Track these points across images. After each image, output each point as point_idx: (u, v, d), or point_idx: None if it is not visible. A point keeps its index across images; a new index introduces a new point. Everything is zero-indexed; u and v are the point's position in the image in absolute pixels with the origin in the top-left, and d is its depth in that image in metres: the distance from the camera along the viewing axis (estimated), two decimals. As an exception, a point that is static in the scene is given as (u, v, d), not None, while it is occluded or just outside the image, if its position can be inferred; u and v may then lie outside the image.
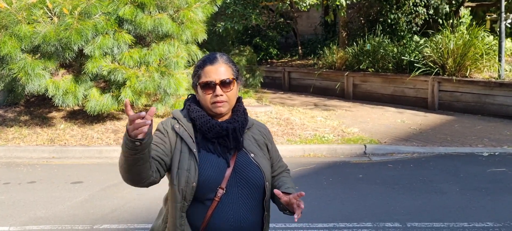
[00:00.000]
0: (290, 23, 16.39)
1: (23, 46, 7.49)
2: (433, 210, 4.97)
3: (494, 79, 9.96)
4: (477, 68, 10.43)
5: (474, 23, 10.98)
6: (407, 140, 8.19)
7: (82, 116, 9.09)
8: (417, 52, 11.40)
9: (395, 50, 11.82)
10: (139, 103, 8.38)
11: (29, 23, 7.46)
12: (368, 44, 12.24)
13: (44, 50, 7.58)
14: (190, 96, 2.10)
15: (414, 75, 10.83)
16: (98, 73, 7.91)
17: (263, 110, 9.83)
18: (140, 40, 8.51)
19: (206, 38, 9.18)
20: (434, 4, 12.89)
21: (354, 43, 12.88)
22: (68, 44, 7.35)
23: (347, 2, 11.27)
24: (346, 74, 12.53)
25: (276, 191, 1.92)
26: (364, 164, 7.05)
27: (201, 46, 9.55)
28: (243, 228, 1.92)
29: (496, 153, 7.31)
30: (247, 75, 12.85)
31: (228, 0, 11.88)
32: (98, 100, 8.10)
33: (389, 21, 13.18)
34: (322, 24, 16.87)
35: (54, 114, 9.44)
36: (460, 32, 10.96)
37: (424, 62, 10.86)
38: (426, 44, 11.35)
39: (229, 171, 1.93)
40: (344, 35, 13.86)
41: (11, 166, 7.12)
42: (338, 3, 11.05)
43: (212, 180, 1.90)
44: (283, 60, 16.37)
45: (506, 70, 10.30)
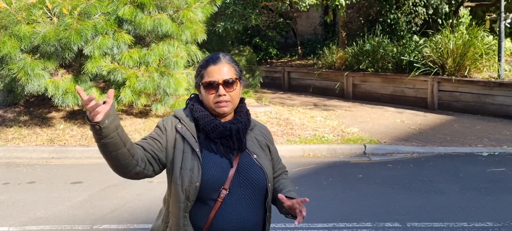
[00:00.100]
0: (290, 23, 16.39)
1: (23, 46, 7.49)
2: (432, 210, 4.97)
3: (493, 79, 9.96)
4: (476, 68, 10.43)
5: (473, 23, 10.97)
6: (407, 139, 8.19)
7: (81, 116, 9.09)
8: (416, 52, 11.40)
9: (395, 50, 11.82)
10: (139, 104, 8.38)
11: (28, 23, 7.46)
12: (367, 44, 12.23)
13: (43, 50, 7.58)
14: (192, 95, 2.09)
15: (413, 75, 10.83)
16: (97, 73, 7.91)
17: (263, 110, 9.83)
18: (139, 40, 8.51)
19: (206, 38, 9.18)
20: (434, 4, 12.88)
21: (354, 43, 12.88)
22: (67, 44, 7.35)
23: (347, 2, 11.27)
24: (345, 74, 12.53)
25: (280, 195, 1.92)
26: (363, 164, 7.05)
27: (200, 46, 9.54)
28: (246, 229, 1.92)
29: (495, 153, 7.32)
30: (247, 75, 12.85)
31: (227, 0, 11.88)
32: (97, 100, 8.07)
33: (388, 21, 13.18)
34: (322, 24, 16.86)
35: (53, 114, 9.44)
36: (459, 32, 10.96)
37: (423, 62, 10.87)
38: (426, 44, 11.35)
39: (232, 171, 1.93)
40: (343, 35, 13.86)
41: (11, 166, 7.12)
42: (337, 3, 11.05)
43: (215, 180, 1.90)
44: (283, 60, 16.37)
45: (506, 70, 10.30)
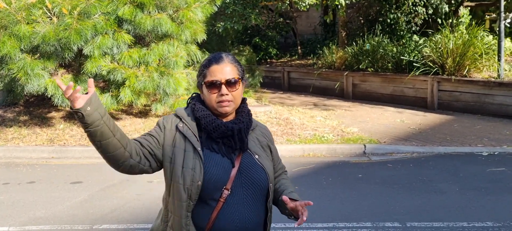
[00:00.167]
0: (290, 23, 16.38)
1: (23, 46, 7.49)
2: (432, 210, 4.97)
3: (493, 79, 9.96)
4: (476, 68, 10.43)
5: (473, 23, 10.97)
6: (407, 139, 8.19)
7: (81, 116, 9.07)
8: (416, 52, 11.40)
9: (395, 50, 11.82)
10: (138, 103, 8.38)
11: (28, 23, 7.46)
12: (367, 44, 12.23)
13: (43, 50, 7.58)
14: (194, 95, 2.10)
15: (413, 75, 10.83)
16: (97, 73, 7.90)
17: (263, 110, 9.83)
18: (139, 40, 8.51)
19: (206, 38, 9.18)
20: (434, 4, 12.88)
21: (354, 43, 12.88)
22: (67, 44, 7.35)
23: (347, 2, 11.27)
24: (345, 74, 12.53)
25: (284, 197, 1.94)
26: (363, 163, 7.05)
27: (200, 46, 9.54)
28: (248, 229, 1.92)
29: (495, 153, 7.32)
30: (247, 75, 12.82)
31: (227, 0, 11.88)
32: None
33: (388, 21, 13.18)
34: (322, 24, 16.86)
35: (53, 114, 9.43)
36: (459, 32, 10.96)
37: (423, 62, 10.87)
38: (426, 44, 11.35)
39: (234, 171, 1.93)
40: (343, 35, 13.86)
41: (11, 166, 7.12)
42: (337, 3, 11.04)
43: (217, 179, 1.90)
44: (283, 60, 16.37)
45: (506, 70, 10.30)
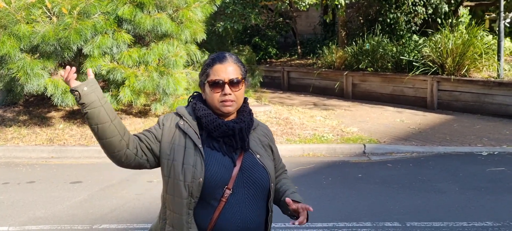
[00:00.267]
0: (289, 23, 16.38)
1: (22, 46, 7.49)
2: (432, 210, 4.97)
3: (493, 79, 9.96)
4: (476, 67, 10.43)
5: (473, 23, 10.96)
6: (406, 139, 8.19)
7: (81, 116, 9.08)
8: (416, 51, 11.40)
9: (394, 49, 11.82)
10: (138, 103, 8.38)
11: (28, 23, 7.46)
12: (367, 43, 12.23)
13: (43, 50, 7.57)
14: (195, 94, 2.10)
15: (413, 75, 10.83)
16: (97, 72, 7.90)
17: (262, 110, 9.83)
18: (139, 39, 8.51)
19: (205, 38, 9.18)
20: (433, 3, 12.88)
21: (353, 43, 12.87)
22: (67, 44, 7.35)
23: (346, 1, 11.26)
24: (345, 73, 12.53)
25: (287, 200, 1.97)
26: (363, 163, 7.05)
27: (200, 45, 9.54)
28: (250, 229, 1.92)
29: (495, 152, 7.32)
30: (247, 75, 12.84)
31: (227, 0, 11.88)
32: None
33: (388, 20, 13.17)
34: (321, 23, 16.86)
35: (53, 114, 9.43)
36: (459, 31, 10.96)
37: (423, 61, 10.87)
38: (425, 43, 11.34)
39: (236, 171, 1.93)
40: (343, 35, 13.85)
41: (10, 166, 7.11)
42: (337, 3, 11.04)
43: (218, 178, 1.90)
44: (282, 59, 16.36)
45: (505, 70, 10.30)
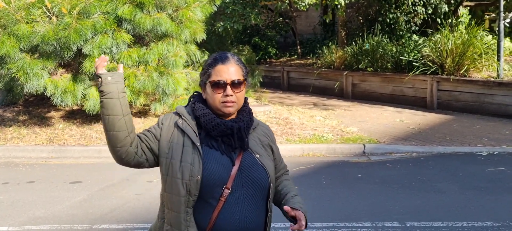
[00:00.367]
0: (289, 23, 16.38)
1: (22, 45, 7.48)
2: (432, 210, 4.97)
3: (493, 79, 9.96)
4: (476, 67, 10.43)
5: (473, 23, 10.96)
6: (406, 139, 8.19)
7: (80, 116, 9.08)
8: (416, 51, 11.40)
9: (394, 49, 11.81)
10: (138, 103, 8.38)
11: (27, 23, 7.45)
12: (367, 43, 12.23)
13: (42, 50, 7.57)
14: (195, 93, 2.10)
15: (413, 75, 10.83)
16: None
17: (262, 110, 9.83)
18: (139, 39, 8.51)
19: (205, 38, 9.17)
20: (433, 3, 12.87)
21: (353, 43, 12.87)
22: (66, 43, 7.34)
23: (346, 1, 11.25)
24: (345, 73, 12.53)
25: (285, 208, 1.98)
26: (363, 163, 7.05)
27: (200, 45, 9.54)
28: (248, 229, 1.92)
29: (495, 152, 7.32)
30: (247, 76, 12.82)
31: (227, -1, 11.87)
32: (97, 99, 8.09)
33: (388, 20, 13.17)
34: (321, 23, 16.85)
35: (53, 114, 9.43)
36: (459, 31, 10.96)
37: (423, 61, 10.86)
38: (425, 43, 11.34)
39: (235, 170, 1.93)
40: (343, 35, 13.85)
41: (10, 166, 7.11)
42: (336, 3, 11.03)
43: (216, 176, 1.90)
44: (282, 59, 16.36)
45: (505, 70, 10.30)
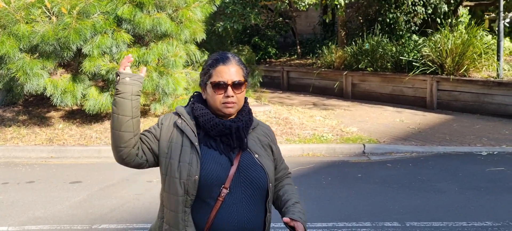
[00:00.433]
0: (289, 23, 16.38)
1: (22, 45, 7.48)
2: (432, 209, 4.97)
3: (492, 79, 9.96)
4: (475, 67, 10.43)
5: (472, 23, 10.96)
6: (406, 139, 8.19)
7: (80, 116, 9.08)
8: (415, 51, 11.40)
9: (394, 49, 11.81)
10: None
11: (27, 23, 7.45)
12: (366, 43, 12.23)
13: (42, 50, 7.57)
14: (195, 93, 2.10)
15: (412, 75, 10.83)
16: (96, 72, 7.90)
17: (262, 110, 9.83)
18: (138, 39, 8.50)
19: (205, 38, 9.17)
20: (433, 3, 12.87)
21: (353, 43, 12.87)
22: (66, 43, 7.34)
23: (346, 1, 11.25)
24: (344, 73, 12.53)
25: (284, 219, 1.96)
26: (363, 163, 7.05)
27: (199, 45, 9.54)
28: (246, 229, 1.92)
29: (494, 152, 7.32)
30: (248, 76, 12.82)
31: (227, -1, 11.87)
32: (97, 99, 8.10)
33: (387, 20, 13.17)
34: (321, 23, 16.85)
35: (52, 114, 9.43)
36: (458, 31, 10.96)
37: (422, 61, 10.86)
38: (425, 43, 11.34)
39: (233, 170, 1.92)
40: (342, 35, 13.85)
41: (10, 166, 7.11)
42: (336, 3, 11.03)
43: (214, 176, 1.90)
44: (282, 59, 16.35)
45: (505, 70, 10.30)
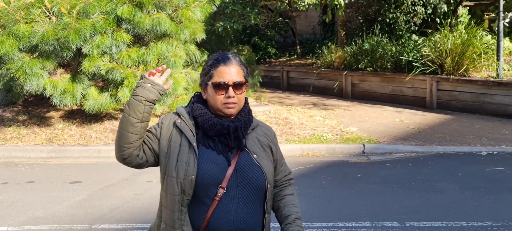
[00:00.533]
0: (289, 23, 16.37)
1: (21, 45, 7.48)
2: (431, 209, 4.97)
3: (492, 79, 9.97)
4: (475, 67, 10.43)
5: (472, 22, 10.96)
6: (406, 139, 8.19)
7: (80, 116, 9.08)
8: (415, 51, 11.40)
9: (394, 49, 11.81)
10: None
11: (27, 23, 7.45)
12: (366, 43, 12.23)
13: (42, 50, 7.57)
14: (196, 93, 2.10)
15: (412, 75, 10.84)
16: (96, 72, 7.90)
17: (262, 110, 9.83)
18: (138, 39, 8.50)
19: (205, 38, 9.17)
20: (432, 3, 12.87)
21: (353, 43, 12.87)
22: (66, 43, 7.34)
23: (345, 1, 11.25)
24: (344, 73, 12.53)
25: None
26: (362, 163, 7.05)
27: (199, 45, 9.53)
28: (243, 229, 1.91)
29: (494, 152, 7.32)
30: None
31: (226, -1, 11.86)
32: (96, 99, 8.09)
33: (387, 20, 13.17)
34: (321, 23, 16.85)
35: (52, 114, 9.42)
36: (458, 31, 10.96)
37: (422, 61, 10.86)
38: (425, 43, 11.33)
39: (230, 170, 1.92)
40: (342, 35, 13.84)
41: (10, 166, 7.11)
42: (336, 3, 11.03)
43: (211, 176, 1.90)
44: (282, 59, 16.35)
45: (504, 70, 10.31)
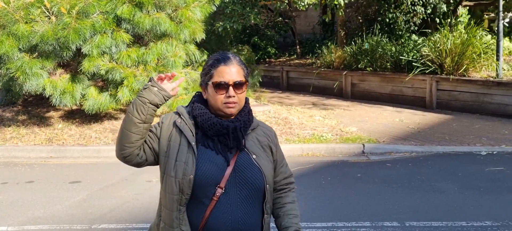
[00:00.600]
0: (288, 23, 16.37)
1: (21, 45, 7.48)
2: (431, 209, 4.97)
3: (492, 79, 9.97)
4: (475, 67, 10.43)
5: (472, 22, 10.96)
6: (406, 139, 8.19)
7: (80, 116, 9.07)
8: (415, 51, 11.40)
9: (393, 49, 11.81)
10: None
11: (26, 23, 7.45)
12: (366, 43, 12.23)
13: (41, 50, 7.56)
14: (197, 93, 2.10)
15: (412, 75, 10.84)
16: (96, 72, 7.89)
17: (262, 110, 9.83)
18: (138, 39, 8.50)
19: (204, 38, 9.16)
20: (432, 3, 12.87)
21: (352, 43, 12.87)
22: (66, 43, 7.34)
23: (345, 1, 11.25)
24: (344, 73, 12.53)
25: None
26: (362, 163, 7.05)
27: (199, 45, 9.53)
28: (240, 229, 1.91)
29: (494, 152, 7.32)
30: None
31: (226, -1, 11.86)
32: (96, 99, 8.09)
33: (387, 20, 13.17)
34: (320, 23, 16.85)
35: (52, 113, 9.42)
36: (458, 31, 10.96)
37: (422, 61, 10.86)
38: (424, 43, 11.34)
39: (229, 170, 1.92)
40: (342, 35, 13.84)
41: (9, 166, 7.11)
42: (336, 3, 11.02)
43: (210, 176, 1.90)
44: (281, 59, 16.35)
45: (504, 69, 10.31)
